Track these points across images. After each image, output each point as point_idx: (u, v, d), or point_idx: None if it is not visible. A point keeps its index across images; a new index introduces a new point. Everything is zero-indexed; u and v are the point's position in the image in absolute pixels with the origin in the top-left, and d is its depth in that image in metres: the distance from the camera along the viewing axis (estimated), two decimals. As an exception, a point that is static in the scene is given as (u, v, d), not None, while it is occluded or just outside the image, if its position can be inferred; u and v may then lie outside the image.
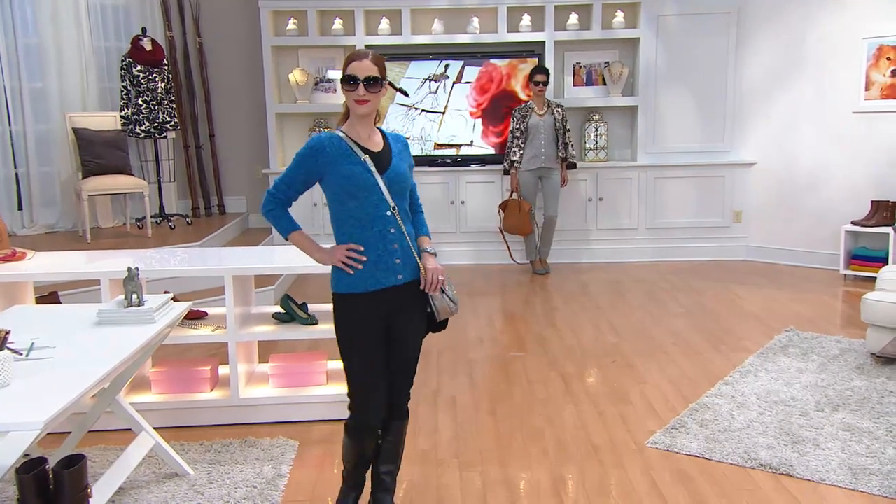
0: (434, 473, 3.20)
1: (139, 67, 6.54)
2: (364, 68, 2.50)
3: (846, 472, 3.10)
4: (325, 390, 3.77)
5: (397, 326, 2.62)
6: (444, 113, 7.23)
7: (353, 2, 7.07)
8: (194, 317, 3.95)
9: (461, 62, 7.18)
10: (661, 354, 4.62)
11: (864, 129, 6.42)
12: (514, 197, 6.69)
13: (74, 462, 2.27)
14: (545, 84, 6.59)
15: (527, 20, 7.08)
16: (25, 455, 2.10)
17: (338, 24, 7.11)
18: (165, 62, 6.75)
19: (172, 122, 6.78)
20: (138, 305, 2.88)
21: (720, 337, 4.91)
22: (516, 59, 7.18)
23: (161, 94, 6.66)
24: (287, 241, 2.63)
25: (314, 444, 3.48)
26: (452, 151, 7.27)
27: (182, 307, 3.07)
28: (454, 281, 2.88)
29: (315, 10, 7.10)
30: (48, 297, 4.19)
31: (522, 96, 7.12)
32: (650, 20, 7.04)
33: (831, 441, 3.38)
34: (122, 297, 2.94)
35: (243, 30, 7.52)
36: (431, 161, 7.22)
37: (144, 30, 6.75)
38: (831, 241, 6.61)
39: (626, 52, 7.28)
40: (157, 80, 6.63)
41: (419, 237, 2.66)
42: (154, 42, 6.70)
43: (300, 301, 3.96)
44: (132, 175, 6.42)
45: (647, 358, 4.55)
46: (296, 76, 7.17)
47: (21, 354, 2.41)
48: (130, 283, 2.88)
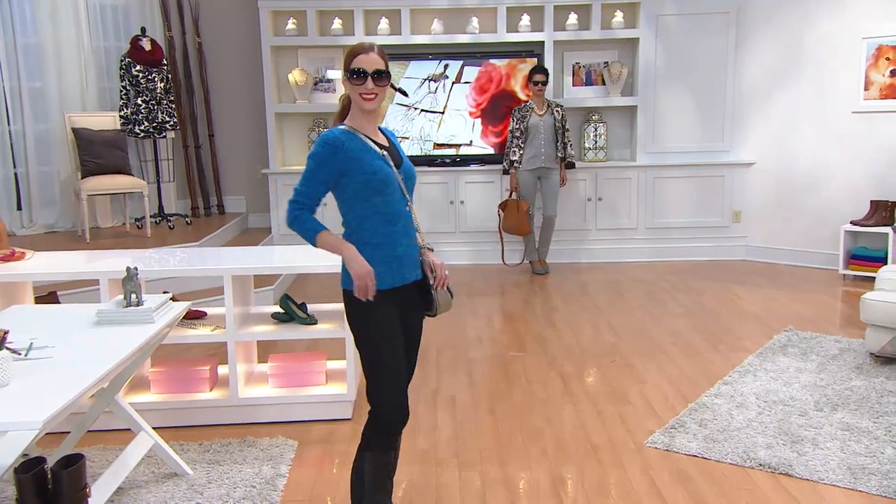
0: (433, 473, 3.20)
1: (138, 67, 6.55)
2: (372, 61, 2.42)
3: (845, 472, 3.10)
4: (325, 390, 3.77)
5: (408, 324, 2.58)
6: (443, 113, 7.23)
7: (353, 2, 7.07)
8: (193, 317, 3.95)
9: (460, 62, 7.18)
10: (661, 354, 4.62)
11: (863, 128, 6.42)
12: (514, 197, 6.69)
13: (73, 462, 2.27)
14: (544, 84, 6.59)
15: (526, 20, 7.08)
16: (24, 455, 2.10)
17: (337, 23, 7.11)
18: (165, 62, 6.75)
19: (172, 122, 6.78)
20: (137, 305, 2.88)
21: (719, 337, 4.91)
22: (516, 59, 7.18)
23: (160, 93, 6.66)
24: (315, 245, 2.43)
25: (313, 444, 3.48)
26: (452, 151, 7.27)
27: (181, 307, 3.07)
28: (454, 281, 2.87)
29: (314, 10, 7.10)
30: (47, 296, 4.19)
31: (522, 96, 7.12)
32: (649, 20, 7.04)
33: (830, 441, 3.38)
34: (122, 296, 2.94)
35: (242, 30, 7.52)
36: (431, 161, 7.21)
37: (144, 30, 6.75)
38: (830, 240, 6.61)
39: (625, 52, 7.29)
40: (156, 79, 6.63)
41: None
42: (153, 42, 6.70)
43: (299, 301, 3.96)
44: (131, 175, 6.42)
45: (647, 358, 4.56)
46: (295, 76, 7.17)
47: (20, 354, 2.41)
48: (129, 283, 2.88)
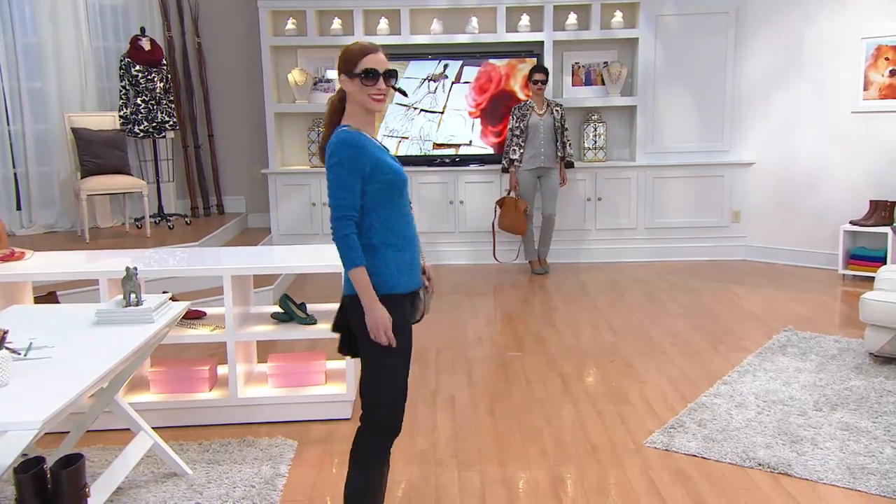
0: (432, 473, 3.20)
1: (138, 67, 6.55)
2: (382, 61, 2.35)
3: (844, 472, 3.10)
4: (324, 390, 3.77)
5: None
6: (442, 113, 7.23)
7: (352, 2, 7.07)
8: (193, 316, 3.95)
9: (460, 62, 7.18)
10: (660, 354, 4.62)
11: (862, 128, 6.43)
12: (512, 195, 6.69)
13: (73, 462, 2.26)
14: (544, 83, 6.59)
15: (525, 20, 7.08)
16: (23, 454, 2.10)
17: (337, 23, 7.11)
18: (164, 62, 6.75)
19: (171, 122, 6.78)
20: (137, 305, 2.88)
21: (719, 337, 4.92)
22: (515, 59, 7.18)
23: (160, 93, 6.66)
24: (348, 273, 2.31)
25: (313, 444, 3.48)
26: (451, 151, 7.27)
27: (180, 307, 3.07)
28: (454, 281, 2.87)
29: (314, 10, 7.10)
30: (47, 296, 4.19)
31: (521, 96, 7.12)
32: (649, 20, 7.04)
33: (829, 440, 3.38)
34: (121, 296, 2.95)
35: (242, 30, 7.52)
36: (430, 161, 7.22)
37: (143, 30, 6.75)
38: (830, 240, 6.61)
39: (624, 52, 7.29)
40: (155, 79, 6.63)
41: None
42: (153, 42, 6.70)
43: (299, 301, 3.96)
44: (131, 175, 6.42)
45: (646, 358, 4.56)
46: (294, 76, 7.17)
47: (19, 354, 2.41)
48: (129, 283, 2.88)
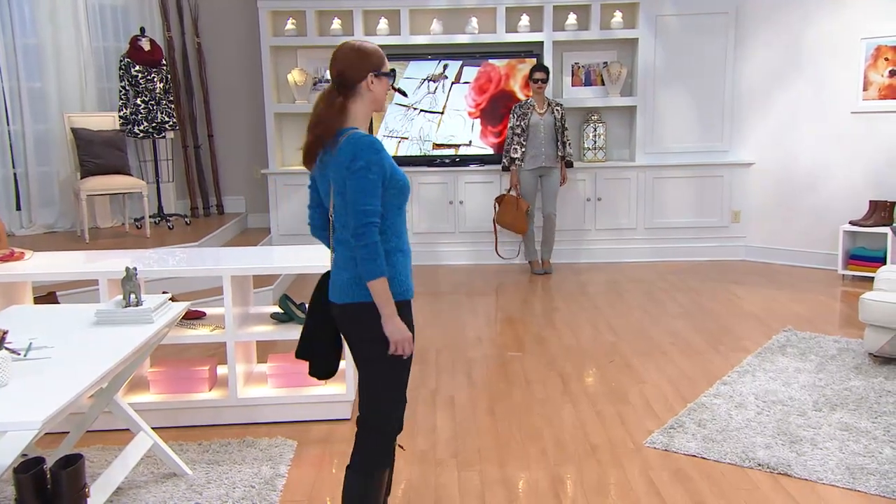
0: (432, 473, 3.20)
1: (138, 67, 6.55)
2: None
3: (844, 472, 3.10)
4: (324, 390, 3.77)
5: None
6: (442, 113, 7.23)
7: (352, 2, 7.07)
8: (193, 317, 3.95)
9: (460, 62, 7.18)
10: (660, 354, 4.62)
11: (862, 129, 6.43)
12: (513, 194, 6.69)
13: (72, 462, 2.27)
14: (545, 82, 6.60)
15: (525, 20, 7.08)
16: (23, 455, 2.10)
17: (336, 24, 7.11)
18: (164, 62, 6.75)
19: (171, 123, 6.78)
20: (136, 305, 2.88)
21: (718, 337, 4.92)
22: (515, 60, 7.18)
23: (159, 94, 6.66)
24: (370, 283, 2.23)
25: (312, 444, 3.48)
26: (451, 151, 7.27)
27: (180, 307, 3.07)
28: (454, 281, 2.87)
29: (314, 11, 7.10)
30: (46, 297, 4.19)
31: (521, 96, 7.11)
32: (649, 20, 7.04)
33: (829, 441, 3.38)
34: (121, 297, 2.94)
35: (242, 30, 7.52)
36: (430, 161, 7.22)
37: (143, 30, 6.75)
38: (829, 240, 6.61)
39: (624, 53, 7.29)
40: (155, 80, 6.63)
41: None
42: (153, 42, 6.70)
43: (298, 301, 3.95)
44: (131, 175, 6.42)
45: (646, 358, 4.56)
46: (294, 76, 7.17)
47: (19, 354, 2.40)
48: (129, 283, 2.88)
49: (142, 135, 6.63)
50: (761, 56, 6.93)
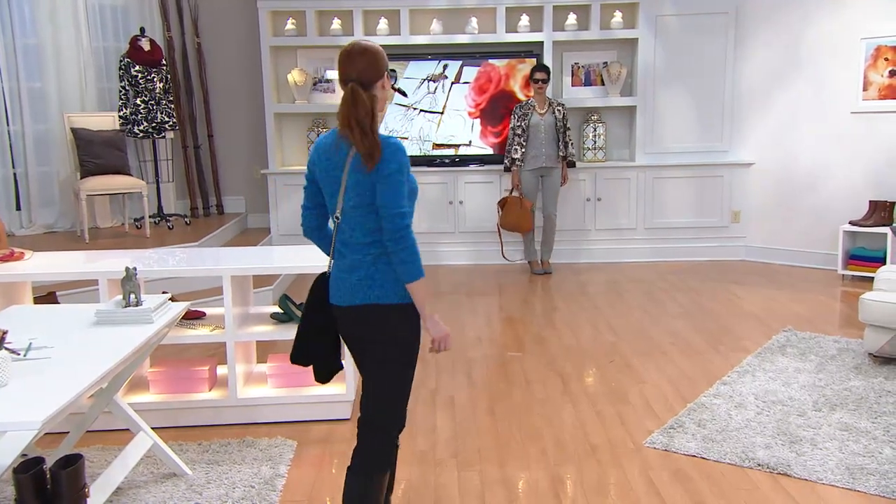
0: (432, 473, 3.20)
1: (138, 67, 6.55)
2: None
3: (843, 472, 3.10)
4: (324, 390, 3.76)
5: None
6: (442, 113, 7.23)
7: (352, 2, 7.07)
8: (192, 317, 3.95)
9: (460, 62, 7.18)
10: (660, 354, 4.62)
11: (862, 129, 6.43)
12: (515, 194, 6.69)
13: (72, 462, 2.27)
14: (545, 82, 6.59)
15: (525, 20, 7.08)
16: (23, 455, 2.10)
17: (336, 24, 7.11)
18: (164, 62, 6.75)
19: (171, 123, 6.78)
20: (136, 305, 2.88)
21: (718, 337, 4.92)
22: (515, 60, 7.18)
23: (159, 94, 6.66)
24: (411, 284, 2.25)
25: (312, 444, 3.48)
26: (451, 152, 7.27)
27: (180, 307, 3.07)
28: (454, 281, 2.87)
29: (313, 11, 7.10)
30: (46, 297, 4.19)
31: (521, 96, 7.12)
32: (648, 20, 7.04)
33: (829, 441, 3.38)
34: (121, 297, 2.94)
35: (242, 30, 7.52)
36: (430, 161, 7.21)
37: (143, 30, 6.75)
38: (829, 241, 6.62)
39: (624, 53, 7.29)
40: (155, 80, 6.63)
41: None
42: (153, 42, 6.70)
43: (298, 301, 3.95)
44: (130, 175, 6.42)
45: (646, 358, 4.56)
46: (294, 76, 7.17)
47: (19, 354, 2.41)
48: (128, 283, 2.88)
49: (142, 135, 6.64)
50: (761, 56, 6.93)
